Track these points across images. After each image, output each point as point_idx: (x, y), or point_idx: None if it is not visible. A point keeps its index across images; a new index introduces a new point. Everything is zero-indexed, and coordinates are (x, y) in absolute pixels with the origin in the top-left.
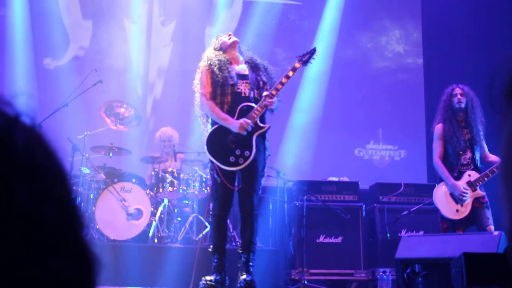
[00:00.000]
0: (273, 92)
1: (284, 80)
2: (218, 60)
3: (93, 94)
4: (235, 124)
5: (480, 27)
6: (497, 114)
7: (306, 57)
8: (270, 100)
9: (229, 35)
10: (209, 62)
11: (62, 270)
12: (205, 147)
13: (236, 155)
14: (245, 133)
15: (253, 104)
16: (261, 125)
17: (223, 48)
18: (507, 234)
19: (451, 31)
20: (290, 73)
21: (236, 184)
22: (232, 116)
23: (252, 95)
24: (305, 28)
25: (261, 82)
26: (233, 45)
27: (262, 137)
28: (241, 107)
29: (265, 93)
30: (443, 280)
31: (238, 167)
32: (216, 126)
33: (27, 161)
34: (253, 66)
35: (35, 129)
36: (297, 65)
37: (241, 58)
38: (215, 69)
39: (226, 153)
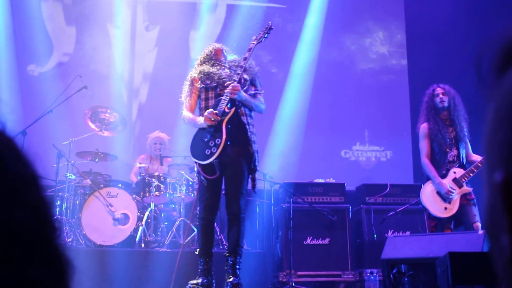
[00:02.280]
0: (234, 77)
1: (242, 62)
2: (204, 83)
3: (78, 100)
4: (202, 119)
5: (464, 27)
6: (485, 89)
7: (260, 35)
8: (232, 86)
9: (212, 45)
10: (197, 76)
11: (36, 278)
12: (190, 152)
13: (210, 146)
14: (213, 122)
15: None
16: (227, 110)
17: (211, 59)
18: (486, 226)
19: (435, 32)
20: (247, 54)
21: (217, 173)
22: None
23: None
24: (289, 31)
25: (242, 80)
26: (218, 52)
27: (244, 135)
28: (214, 103)
29: (228, 82)
30: (429, 280)
31: (213, 156)
32: (196, 130)
33: None
34: (236, 69)
35: (4, 133)
36: (252, 44)
37: (226, 61)
38: (199, 83)
39: (203, 148)
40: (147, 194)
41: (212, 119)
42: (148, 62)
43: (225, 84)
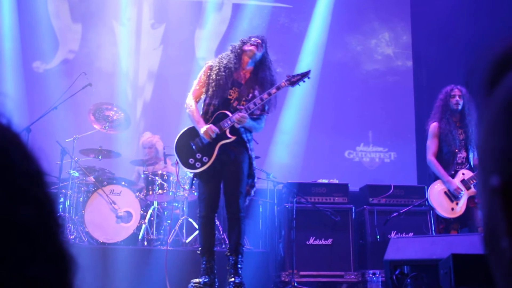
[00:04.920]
0: (250, 106)
1: (265, 96)
2: (224, 66)
3: (83, 97)
4: (202, 129)
5: (469, 29)
6: (477, 105)
7: (296, 78)
8: (240, 114)
9: (257, 43)
10: (213, 64)
11: (38, 275)
12: (174, 143)
13: (196, 158)
14: (208, 139)
15: (229, 114)
16: (228, 135)
17: (242, 50)
18: (484, 231)
19: (441, 33)
20: (273, 91)
21: (191, 188)
22: (210, 119)
23: (235, 104)
24: (295, 31)
25: (250, 95)
26: (249, 54)
27: (242, 141)
28: (217, 114)
29: (240, 107)
30: (431, 282)
31: (194, 170)
32: (190, 126)
33: (2, 161)
34: (254, 80)
35: (10, 128)
36: (283, 84)
37: (249, 66)
38: (214, 73)
39: (188, 154)
40: (151, 192)
41: (213, 136)
42: (153, 60)
43: (238, 107)
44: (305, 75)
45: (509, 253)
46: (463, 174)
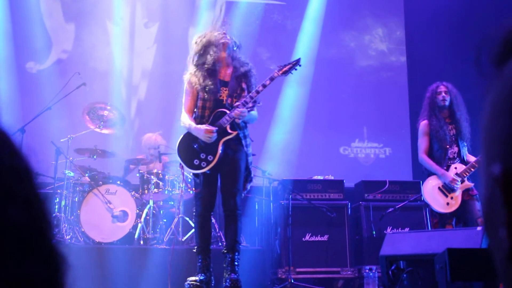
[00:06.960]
0: (247, 100)
1: (260, 88)
2: (202, 83)
3: (77, 97)
4: (199, 132)
5: (463, 24)
6: (485, 81)
7: (287, 67)
8: (239, 109)
9: (224, 33)
10: (192, 80)
11: (28, 275)
12: (176, 147)
13: (201, 158)
14: (211, 140)
15: (227, 111)
16: (229, 131)
17: (212, 44)
18: (483, 219)
19: (434, 28)
20: (267, 82)
21: (195, 188)
22: (208, 120)
23: (229, 101)
24: (288, 28)
25: (238, 89)
26: (223, 47)
27: (238, 139)
28: (215, 113)
29: (237, 103)
30: (427, 276)
31: (200, 170)
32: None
33: None
34: (238, 75)
35: None
36: (276, 74)
37: (229, 60)
38: (198, 88)
39: (192, 156)
40: (146, 191)
41: (213, 137)
42: (147, 59)
43: (234, 105)
44: (296, 63)
45: (506, 242)
46: (455, 168)
